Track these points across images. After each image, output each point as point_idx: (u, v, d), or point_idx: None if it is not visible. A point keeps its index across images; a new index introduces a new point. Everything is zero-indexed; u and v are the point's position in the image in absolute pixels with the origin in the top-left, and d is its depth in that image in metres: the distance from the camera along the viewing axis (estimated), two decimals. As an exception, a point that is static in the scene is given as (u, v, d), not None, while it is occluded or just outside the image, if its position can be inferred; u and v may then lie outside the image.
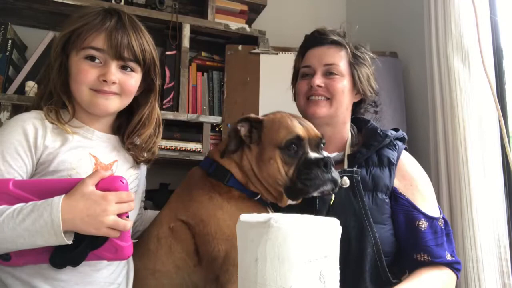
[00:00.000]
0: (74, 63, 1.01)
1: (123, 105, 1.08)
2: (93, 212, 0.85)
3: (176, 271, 1.04)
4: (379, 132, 1.28)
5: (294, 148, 1.05)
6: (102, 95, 1.01)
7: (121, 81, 1.03)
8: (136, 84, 1.08)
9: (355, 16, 2.66)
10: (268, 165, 1.06)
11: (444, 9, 1.72)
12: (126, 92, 1.05)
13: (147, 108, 1.12)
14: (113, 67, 1.01)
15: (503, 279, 1.53)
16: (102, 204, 0.85)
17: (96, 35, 1.00)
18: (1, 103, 1.71)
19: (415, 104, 2.11)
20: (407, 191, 1.23)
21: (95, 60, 1.01)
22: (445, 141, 1.69)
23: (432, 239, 1.17)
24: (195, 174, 1.16)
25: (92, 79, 1.00)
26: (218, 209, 1.05)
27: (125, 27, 1.03)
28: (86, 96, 1.01)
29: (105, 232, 0.86)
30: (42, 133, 0.97)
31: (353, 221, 1.16)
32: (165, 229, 1.07)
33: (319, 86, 1.26)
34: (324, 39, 1.31)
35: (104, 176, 0.90)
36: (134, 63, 1.05)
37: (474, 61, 1.64)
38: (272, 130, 1.08)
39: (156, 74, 1.12)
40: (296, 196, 1.06)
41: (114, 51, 1.00)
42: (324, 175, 1.03)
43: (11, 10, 1.88)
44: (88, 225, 0.85)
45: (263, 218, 0.67)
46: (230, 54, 2.10)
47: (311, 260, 0.65)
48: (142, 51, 1.05)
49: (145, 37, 1.08)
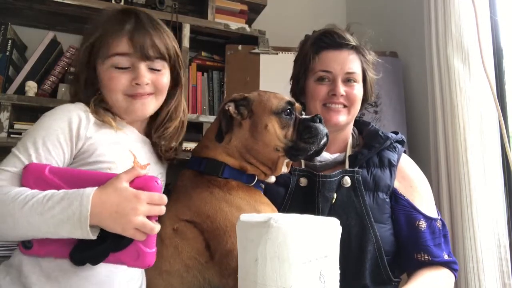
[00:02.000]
0: (103, 73, 1.02)
1: (159, 104, 1.08)
2: (123, 209, 0.82)
3: (187, 270, 1.04)
4: (380, 134, 1.29)
5: (288, 112, 1.11)
6: (139, 99, 1.02)
7: (153, 81, 1.03)
8: (168, 81, 1.08)
9: (355, 16, 2.66)
10: (265, 133, 1.09)
11: (444, 9, 1.72)
12: (160, 90, 1.06)
13: (174, 101, 1.13)
14: (143, 69, 1.01)
15: (503, 279, 1.53)
16: (133, 202, 0.83)
17: (118, 40, 1.00)
18: (1, 103, 1.71)
19: (415, 104, 2.11)
20: (407, 192, 1.25)
21: (124, 66, 1.01)
22: (445, 141, 1.69)
23: (431, 239, 1.19)
24: (187, 176, 1.15)
25: (125, 85, 1.01)
26: (223, 202, 1.05)
27: (145, 27, 1.03)
28: (122, 103, 1.02)
29: (131, 233, 0.84)
30: (86, 124, 0.97)
31: (354, 220, 1.17)
32: (168, 230, 1.07)
33: (342, 96, 1.25)
34: (344, 44, 1.27)
35: (140, 175, 0.88)
36: (161, 60, 1.05)
37: (474, 61, 1.64)
38: (263, 101, 1.13)
39: (180, 67, 1.12)
40: (297, 155, 1.11)
41: (140, 52, 1.00)
42: (322, 129, 1.11)
43: (11, 10, 1.88)
44: (115, 222, 0.82)
45: (263, 218, 0.67)
46: (230, 54, 2.10)
47: (311, 260, 0.65)
48: (166, 47, 1.05)
49: (165, 32, 1.08)
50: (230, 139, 1.12)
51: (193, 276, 1.04)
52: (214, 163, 1.11)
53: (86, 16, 1.91)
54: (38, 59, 1.84)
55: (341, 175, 1.21)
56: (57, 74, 1.85)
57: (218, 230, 1.03)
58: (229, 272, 1.01)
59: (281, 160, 1.13)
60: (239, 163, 1.12)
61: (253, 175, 1.13)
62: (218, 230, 1.03)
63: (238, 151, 1.12)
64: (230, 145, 1.12)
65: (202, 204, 1.06)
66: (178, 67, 1.12)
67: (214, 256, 1.03)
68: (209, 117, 2.01)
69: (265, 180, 1.16)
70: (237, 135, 1.12)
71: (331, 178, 1.19)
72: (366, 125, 1.37)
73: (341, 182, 1.21)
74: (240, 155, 1.12)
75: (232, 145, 1.12)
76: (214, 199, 1.07)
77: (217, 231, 1.03)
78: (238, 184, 1.10)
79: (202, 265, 1.04)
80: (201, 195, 1.08)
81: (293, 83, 1.40)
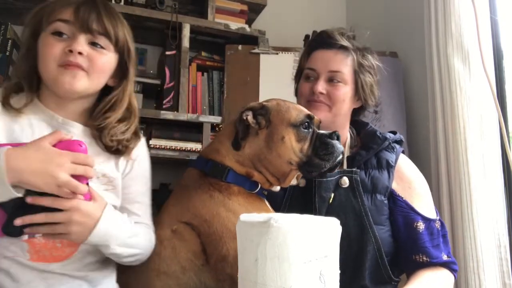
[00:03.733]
0: (41, 41, 0.95)
1: (92, 87, 0.98)
2: (46, 166, 0.79)
3: (183, 272, 1.04)
4: (378, 135, 1.28)
5: (306, 125, 1.10)
6: (69, 71, 0.93)
7: (90, 56, 0.95)
8: (108, 63, 1.00)
9: (355, 16, 2.66)
10: (280, 144, 1.08)
11: (444, 9, 1.72)
12: (95, 69, 0.96)
13: (119, 90, 1.04)
14: (81, 38, 0.94)
15: (503, 278, 1.53)
16: (55, 159, 0.80)
17: (64, 9, 0.95)
18: (1, 103, 1.71)
19: (415, 104, 2.11)
20: (405, 193, 1.24)
21: (63, 35, 0.94)
22: (445, 141, 1.69)
23: (429, 240, 1.19)
24: (191, 175, 1.15)
25: (59, 53, 0.93)
26: (221, 206, 1.05)
27: (96, 4, 0.98)
28: (53, 72, 0.94)
29: (55, 189, 0.81)
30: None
31: (353, 220, 1.17)
32: (166, 231, 1.07)
33: (321, 93, 1.25)
34: (332, 43, 1.27)
35: (64, 138, 0.85)
36: (105, 38, 0.97)
37: (474, 61, 1.64)
38: (282, 111, 1.11)
39: (130, 59, 1.04)
40: (311, 171, 1.10)
41: (81, 22, 0.94)
42: (339, 146, 1.09)
43: (11, 10, 1.88)
44: (37, 178, 0.79)
45: (263, 218, 0.67)
46: (230, 54, 2.10)
47: (311, 260, 0.65)
48: (114, 28, 0.98)
49: (119, 19, 1.01)
50: (243, 147, 1.11)
51: (189, 278, 1.04)
52: (219, 166, 1.10)
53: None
54: (38, 59, 1.84)
55: (339, 175, 1.21)
56: (57, 74, 1.85)
57: (214, 235, 1.03)
58: (224, 278, 1.01)
59: (292, 173, 1.12)
60: (246, 169, 1.11)
61: (257, 182, 1.12)
62: (214, 235, 1.03)
63: (249, 160, 1.11)
64: (242, 153, 1.11)
65: (200, 207, 1.06)
66: (127, 58, 1.04)
67: (210, 260, 1.03)
68: (209, 117, 2.01)
69: (269, 189, 1.16)
70: (251, 143, 1.11)
71: (328, 178, 1.19)
72: (364, 125, 1.36)
73: (339, 182, 1.20)
74: (251, 164, 1.11)
75: (245, 153, 1.11)
76: (213, 202, 1.07)
77: (213, 236, 1.03)
78: (239, 190, 1.10)
79: (198, 268, 1.04)
80: (201, 197, 1.08)
81: (294, 83, 1.42)
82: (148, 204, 1.11)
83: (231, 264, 1.00)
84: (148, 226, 1.07)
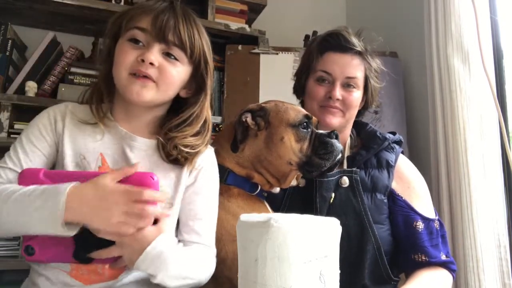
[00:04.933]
0: (118, 46, 0.95)
1: (160, 98, 0.96)
2: (104, 204, 0.79)
3: None
4: (378, 135, 1.29)
5: (304, 125, 1.11)
6: (139, 81, 0.92)
7: (161, 66, 0.93)
8: (179, 76, 0.96)
9: (355, 16, 2.66)
10: (280, 145, 1.09)
11: (444, 9, 1.72)
12: (164, 81, 0.94)
13: (197, 106, 1.01)
14: (155, 49, 0.92)
15: (503, 279, 1.53)
16: (115, 197, 0.80)
17: (143, 16, 0.94)
18: (1, 103, 1.71)
19: (415, 104, 2.11)
20: (404, 193, 1.25)
21: (139, 43, 0.93)
22: (445, 141, 1.69)
23: (428, 240, 1.19)
24: None
25: (131, 61, 0.92)
26: (220, 209, 1.05)
27: (175, 12, 0.95)
28: (124, 80, 0.93)
29: (115, 227, 0.80)
30: (61, 120, 0.95)
31: (353, 219, 1.18)
32: None
33: (338, 100, 1.25)
34: (349, 48, 1.26)
35: (129, 172, 0.83)
36: (179, 50, 0.95)
37: (474, 61, 1.64)
38: (280, 112, 1.12)
39: (207, 72, 1.01)
40: (311, 171, 1.10)
41: (157, 31, 0.92)
42: (338, 145, 1.11)
43: (11, 10, 1.88)
44: (95, 217, 0.80)
45: (263, 218, 0.67)
46: (230, 54, 2.10)
47: (311, 260, 0.65)
48: (190, 39, 0.95)
49: (197, 28, 0.98)
50: (243, 149, 1.12)
51: None
52: (219, 168, 1.10)
53: (86, 16, 1.91)
54: (38, 59, 1.85)
55: (339, 175, 1.21)
56: (57, 74, 1.85)
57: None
58: (223, 280, 1.01)
59: (292, 174, 1.13)
60: (246, 171, 1.12)
61: (257, 184, 1.12)
62: None
63: (250, 161, 1.11)
64: (242, 155, 1.12)
65: None
66: (204, 71, 1.00)
67: None
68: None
69: (269, 190, 1.16)
70: (251, 145, 1.12)
71: (329, 177, 1.19)
72: (364, 126, 1.37)
73: (339, 182, 1.21)
74: (251, 165, 1.11)
75: (245, 155, 1.12)
76: None
77: None
78: (239, 192, 1.10)
79: None
80: None
81: (296, 79, 1.40)
82: (212, 222, 1.02)
83: (230, 266, 1.00)
84: (208, 247, 0.99)
